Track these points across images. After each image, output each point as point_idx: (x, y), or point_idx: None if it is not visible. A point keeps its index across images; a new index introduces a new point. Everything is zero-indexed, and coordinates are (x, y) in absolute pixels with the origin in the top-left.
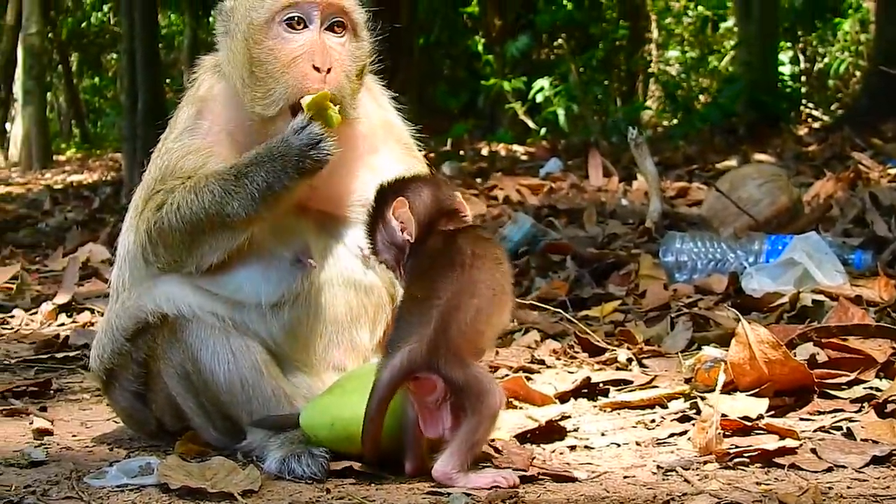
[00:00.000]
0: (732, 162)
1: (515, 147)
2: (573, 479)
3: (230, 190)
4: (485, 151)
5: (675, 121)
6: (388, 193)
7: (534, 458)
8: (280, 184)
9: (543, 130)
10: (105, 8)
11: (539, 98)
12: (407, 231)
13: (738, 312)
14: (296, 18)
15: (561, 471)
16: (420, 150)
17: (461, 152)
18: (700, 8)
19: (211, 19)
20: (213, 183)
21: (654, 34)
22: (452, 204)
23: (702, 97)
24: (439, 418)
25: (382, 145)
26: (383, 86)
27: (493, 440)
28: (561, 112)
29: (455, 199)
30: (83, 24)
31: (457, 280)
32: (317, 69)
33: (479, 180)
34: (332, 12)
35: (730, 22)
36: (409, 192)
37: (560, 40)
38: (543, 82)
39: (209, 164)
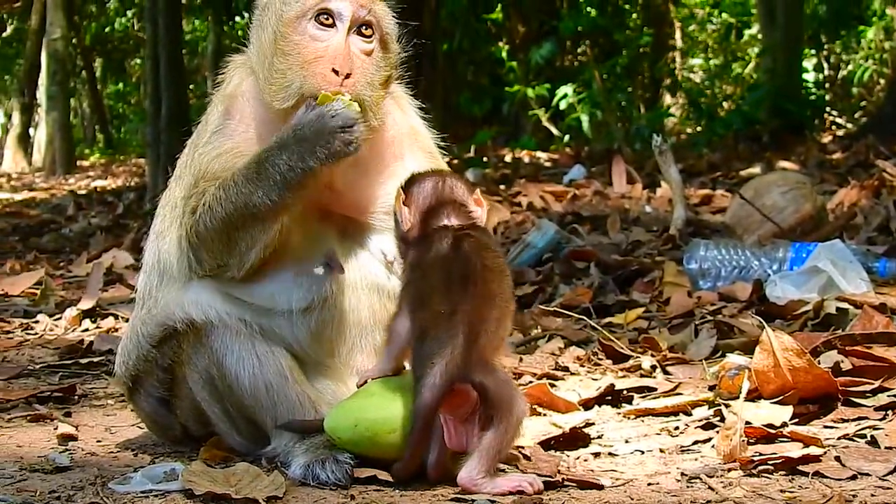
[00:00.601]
0: (756, 169)
1: (539, 154)
2: (598, 486)
3: (252, 178)
4: (508, 158)
5: (698, 128)
6: (398, 189)
7: (560, 465)
8: (305, 164)
9: (567, 137)
10: (129, 13)
11: (563, 105)
12: (403, 221)
13: (762, 320)
14: (325, 17)
15: (586, 477)
16: (444, 158)
17: (484, 159)
18: (724, 15)
19: (235, 25)
20: (238, 175)
21: (678, 41)
22: (455, 197)
23: (725, 104)
24: (465, 431)
25: (408, 153)
26: (409, 94)
27: (521, 447)
28: (585, 119)
29: (458, 192)
30: (107, 30)
31: (476, 293)
32: (336, 72)
33: (502, 187)
34: (362, 16)
35: (754, 29)
36: (411, 185)
37: (584, 47)
38: (567, 89)
39: (238, 164)
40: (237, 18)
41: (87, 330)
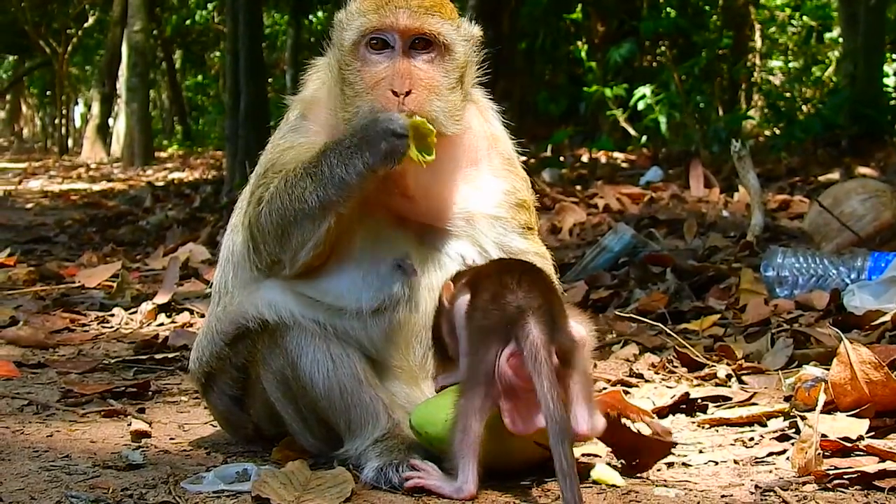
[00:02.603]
0: (835, 175)
1: (616, 154)
2: (673, 497)
3: (310, 172)
4: (585, 158)
5: (776, 131)
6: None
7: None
8: (351, 163)
9: (644, 138)
10: (209, 7)
11: (640, 106)
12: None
13: (839, 331)
14: (378, 41)
15: (660, 486)
16: (521, 163)
17: (561, 158)
18: (805, 18)
19: (313, 20)
20: (299, 168)
21: (758, 43)
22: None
23: (804, 108)
24: (533, 410)
25: (484, 158)
26: (490, 98)
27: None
28: (662, 120)
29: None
30: (187, 22)
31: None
32: (395, 93)
33: (578, 187)
34: (412, 34)
35: (834, 32)
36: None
37: (663, 48)
38: (645, 90)
39: (306, 158)
40: (313, 14)
41: (162, 325)
